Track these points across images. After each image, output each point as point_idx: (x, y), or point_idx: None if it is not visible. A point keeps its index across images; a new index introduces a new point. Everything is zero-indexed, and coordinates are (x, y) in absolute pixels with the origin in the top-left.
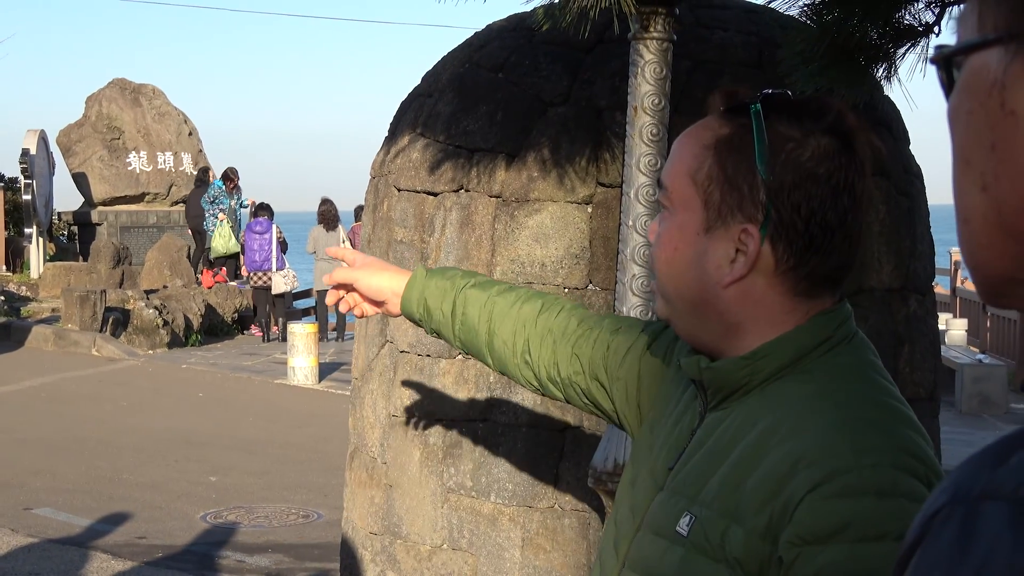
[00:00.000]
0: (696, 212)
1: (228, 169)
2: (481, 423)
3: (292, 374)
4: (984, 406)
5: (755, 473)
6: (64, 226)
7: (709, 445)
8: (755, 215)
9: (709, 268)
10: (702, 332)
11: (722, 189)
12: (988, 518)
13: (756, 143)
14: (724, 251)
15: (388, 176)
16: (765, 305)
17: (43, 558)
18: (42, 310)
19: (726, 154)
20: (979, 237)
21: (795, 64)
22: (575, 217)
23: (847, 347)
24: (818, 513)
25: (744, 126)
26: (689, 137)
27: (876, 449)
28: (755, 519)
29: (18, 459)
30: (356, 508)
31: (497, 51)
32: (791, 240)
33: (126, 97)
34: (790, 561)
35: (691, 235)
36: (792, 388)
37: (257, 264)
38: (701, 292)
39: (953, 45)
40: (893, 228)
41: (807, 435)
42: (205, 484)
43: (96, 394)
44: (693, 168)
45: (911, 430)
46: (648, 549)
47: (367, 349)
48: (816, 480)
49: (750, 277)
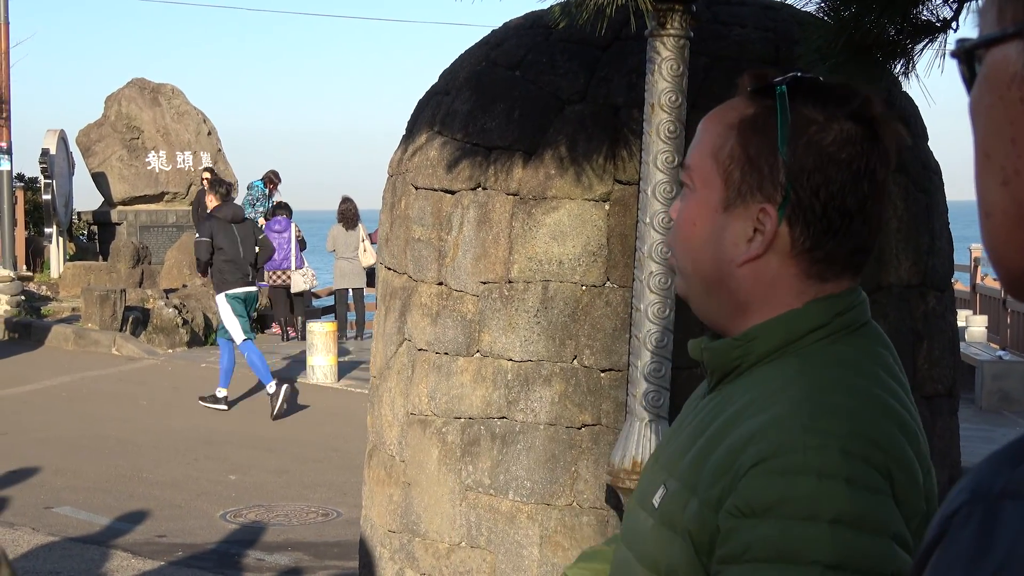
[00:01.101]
0: (716, 190)
1: (270, 172)
2: (499, 421)
3: (311, 372)
4: (1004, 403)
5: (719, 448)
6: (84, 226)
7: (695, 424)
8: (774, 195)
9: (726, 245)
10: (714, 310)
11: (743, 168)
12: (1008, 517)
13: (780, 124)
14: (742, 230)
15: (406, 174)
16: (776, 286)
17: (64, 557)
18: (62, 309)
19: (749, 134)
20: (1001, 231)
21: (813, 60)
22: (592, 214)
23: (848, 337)
24: (757, 487)
25: (769, 107)
26: (714, 117)
27: (827, 432)
28: (709, 491)
29: (39, 458)
30: (375, 506)
31: (514, 49)
32: (808, 222)
33: (145, 97)
34: (726, 531)
35: (710, 212)
36: (776, 370)
37: (276, 263)
38: (716, 269)
39: (974, 39)
40: (911, 224)
41: (767, 413)
42: (225, 483)
43: (116, 393)
44: (716, 147)
45: (888, 420)
46: (633, 521)
47: (385, 347)
48: (763, 455)
49: (765, 257)
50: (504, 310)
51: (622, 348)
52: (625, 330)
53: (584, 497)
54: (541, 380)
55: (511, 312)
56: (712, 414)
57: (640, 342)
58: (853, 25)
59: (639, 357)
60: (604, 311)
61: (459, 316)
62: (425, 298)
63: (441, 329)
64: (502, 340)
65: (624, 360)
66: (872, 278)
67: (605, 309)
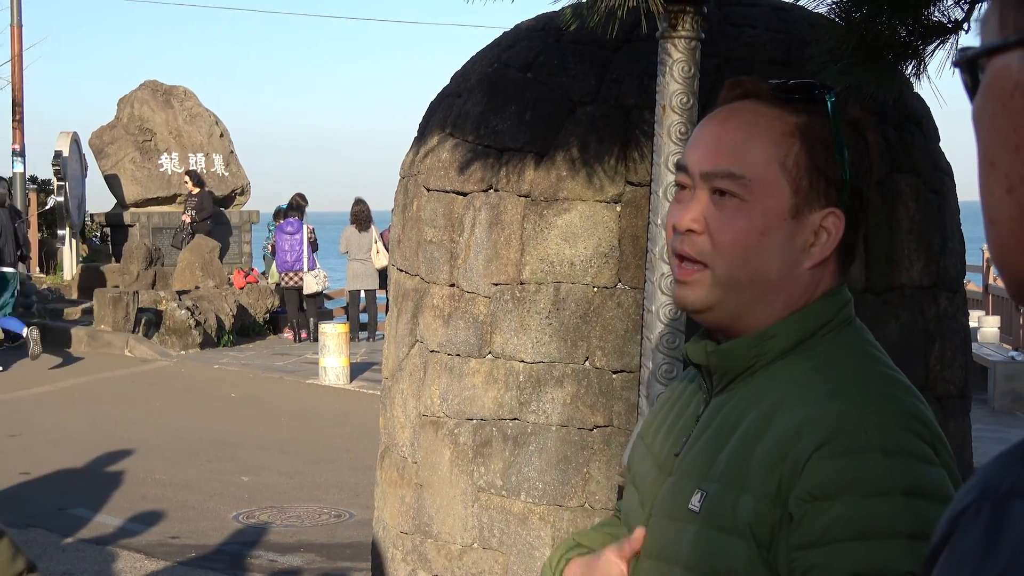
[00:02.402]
0: (784, 197)
1: (296, 196)
2: (511, 422)
3: (324, 374)
4: (1017, 403)
5: (762, 443)
6: (97, 228)
7: (715, 426)
8: (835, 200)
9: (795, 251)
10: (755, 313)
11: (811, 175)
12: (1016, 516)
13: (840, 133)
14: (808, 234)
15: (417, 176)
16: (820, 285)
17: (77, 558)
18: (75, 311)
19: (811, 141)
20: (1007, 239)
21: (824, 62)
22: (604, 216)
23: (846, 329)
24: (825, 470)
25: (813, 114)
26: (753, 124)
27: (881, 411)
28: (764, 485)
29: (52, 459)
30: (387, 507)
31: (526, 51)
32: (850, 224)
33: (158, 99)
34: (799, 517)
35: (779, 220)
36: (796, 364)
37: (288, 264)
38: (781, 274)
39: (976, 48)
40: (923, 225)
41: (810, 402)
42: (237, 484)
43: (129, 394)
44: (780, 155)
45: (915, 398)
46: (662, 533)
47: (397, 349)
48: (822, 439)
49: (828, 259)
50: (516, 312)
51: (634, 349)
52: (637, 331)
53: (596, 498)
54: (553, 382)
55: (523, 314)
56: (734, 414)
57: (651, 343)
58: (864, 26)
59: (650, 359)
60: (616, 312)
61: (471, 318)
62: (437, 300)
63: (453, 330)
64: (514, 341)
65: (636, 361)
66: (884, 279)
67: (617, 311)
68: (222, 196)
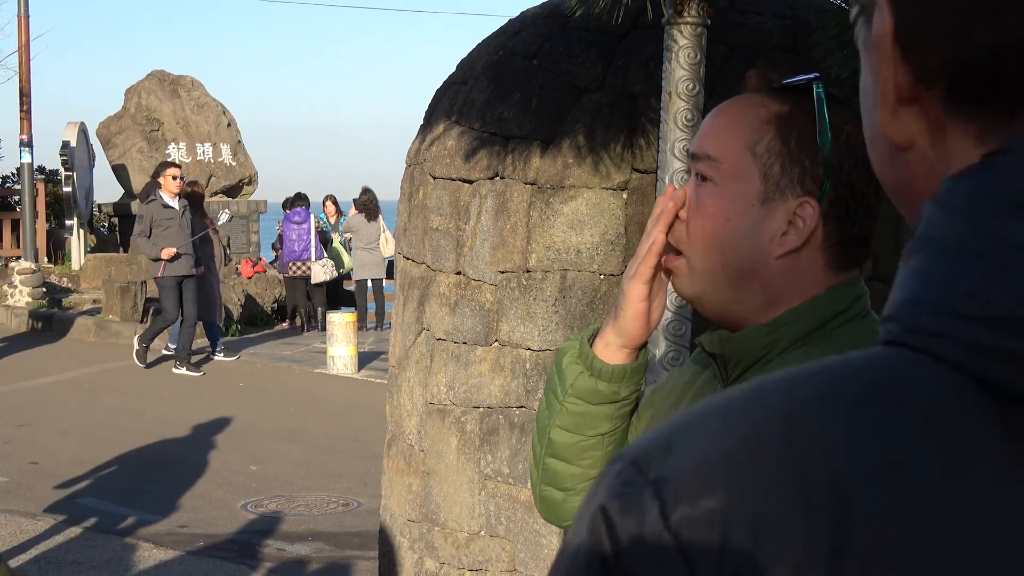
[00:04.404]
0: (753, 183)
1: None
2: (518, 410)
3: (331, 363)
4: None
5: None
6: (104, 218)
7: None
8: (813, 190)
9: (762, 239)
10: (739, 305)
11: (783, 162)
12: None
13: (825, 123)
14: (779, 223)
15: (423, 164)
16: (806, 277)
17: (86, 547)
18: (83, 301)
19: (788, 129)
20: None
21: (830, 48)
22: (610, 203)
23: (862, 320)
24: None
25: (799, 104)
26: (739, 111)
27: None
28: None
29: (61, 449)
30: (394, 496)
31: (531, 38)
32: (839, 217)
33: (165, 89)
34: None
35: (746, 206)
36: (813, 353)
37: (296, 254)
38: (751, 262)
39: None
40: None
41: None
42: (246, 473)
43: (137, 384)
44: (752, 140)
45: None
46: None
47: (404, 337)
48: None
49: (800, 250)
50: (522, 299)
51: None
52: None
53: None
54: None
55: (529, 301)
56: None
57: (658, 331)
58: None
59: (656, 346)
60: None
61: (477, 305)
62: (443, 288)
63: (459, 319)
64: (520, 329)
65: None
66: (891, 267)
67: None
68: (230, 186)
